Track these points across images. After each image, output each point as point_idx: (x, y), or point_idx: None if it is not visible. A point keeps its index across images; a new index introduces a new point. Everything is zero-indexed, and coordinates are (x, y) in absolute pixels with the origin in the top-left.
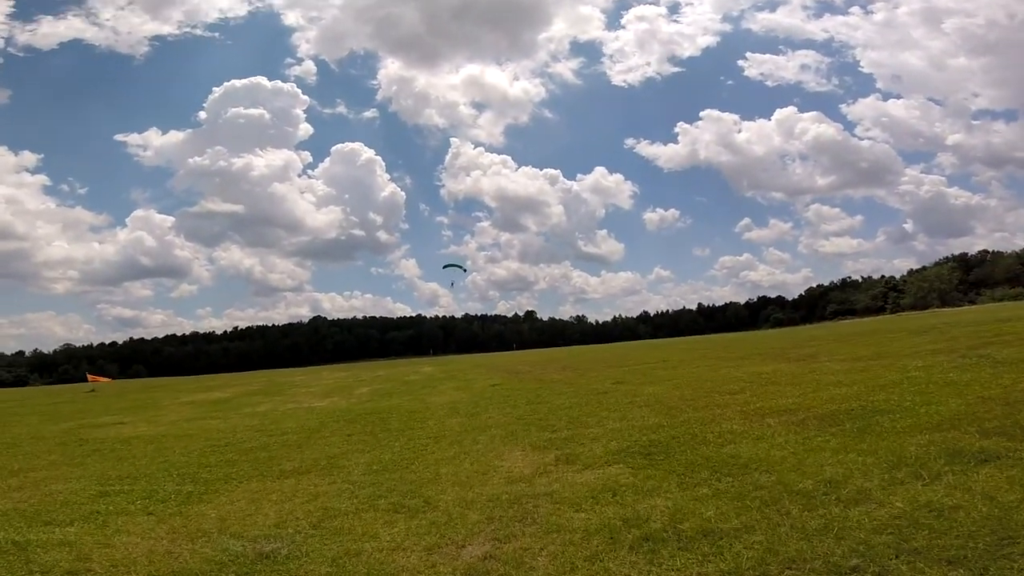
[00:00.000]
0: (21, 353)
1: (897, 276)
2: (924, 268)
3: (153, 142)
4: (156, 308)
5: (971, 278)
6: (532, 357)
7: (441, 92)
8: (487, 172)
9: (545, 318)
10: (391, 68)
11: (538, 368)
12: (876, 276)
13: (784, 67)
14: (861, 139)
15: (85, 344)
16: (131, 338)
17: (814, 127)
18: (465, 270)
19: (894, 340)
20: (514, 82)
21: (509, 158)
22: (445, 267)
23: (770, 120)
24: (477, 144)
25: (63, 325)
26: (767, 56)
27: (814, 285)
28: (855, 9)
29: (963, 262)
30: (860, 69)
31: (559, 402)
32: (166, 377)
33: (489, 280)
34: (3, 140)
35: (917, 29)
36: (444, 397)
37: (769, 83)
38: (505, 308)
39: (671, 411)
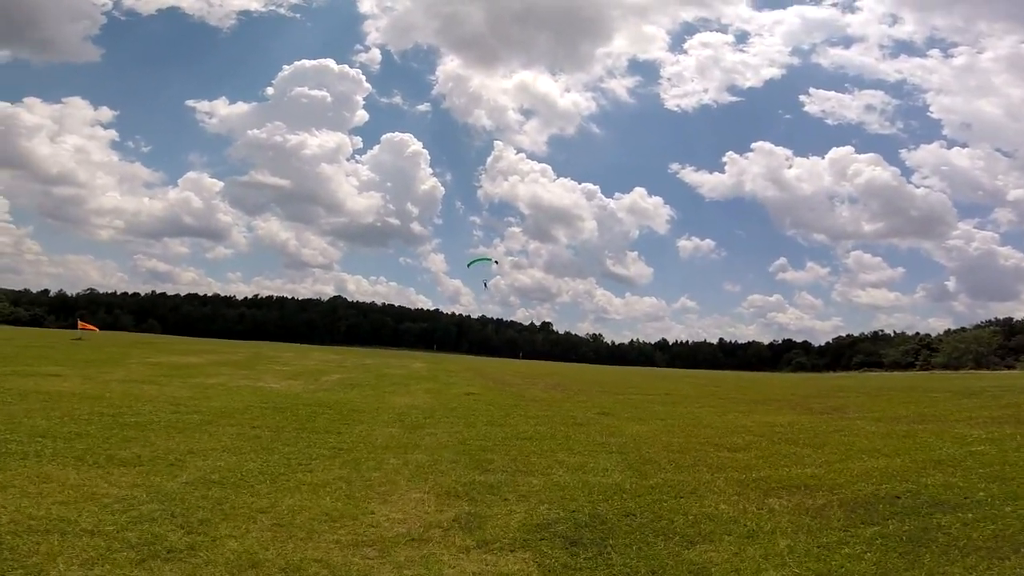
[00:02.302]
0: (45, 292)
1: (932, 335)
2: (963, 329)
3: (220, 110)
4: (189, 266)
5: (1012, 344)
6: (528, 369)
7: (492, 95)
8: (525, 179)
9: (561, 331)
10: (449, 65)
11: (527, 382)
12: (910, 332)
13: (848, 106)
14: (917, 187)
15: (109, 292)
16: (153, 291)
17: (869, 169)
18: (497, 262)
19: (937, 401)
20: (565, 93)
21: (549, 167)
22: (471, 264)
23: (823, 159)
24: (520, 150)
25: (98, 270)
26: (831, 93)
27: (843, 334)
28: (934, 52)
29: (1007, 327)
30: (929, 114)
31: (521, 428)
32: (156, 335)
33: (512, 286)
34: (87, 94)
35: (1000, 76)
36: (407, 399)
37: (829, 121)
38: (523, 316)
39: (645, 465)
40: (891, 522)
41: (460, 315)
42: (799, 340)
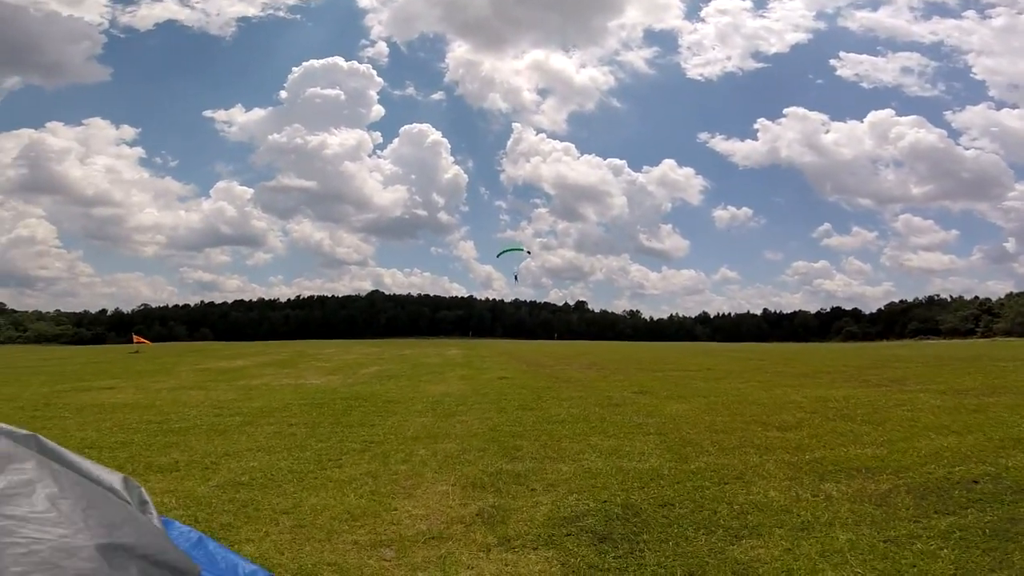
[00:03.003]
0: (104, 311)
1: (993, 299)
2: None
3: (237, 119)
4: (232, 274)
5: None
6: (564, 349)
7: (505, 77)
8: (547, 159)
9: (597, 310)
10: (458, 51)
11: (562, 363)
12: (968, 296)
13: (883, 69)
14: (967, 148)
15: (161, 305)
16: (202, 301)
17: (913, 132)
18: (529, 252)
19: (1006, 371)
20: (581, 69)
21: (572, 146)
22: (501, 253)
23: (863, 122)
24: (539, 130)
25: (149, 286)
26: (864, 56)
27: (896, 300)
28: (970, 13)
29: None
30: (972, 75)
31: (553, 412)
32: (207, 342)
33: (543, 267)
34: (106, 114)
35: None
36: (441, 387)
37: (864, 84)
38: (557, 296)
39: (685, 448)
40: (970, 511)
41: (494, 300)
42: (848, 308)
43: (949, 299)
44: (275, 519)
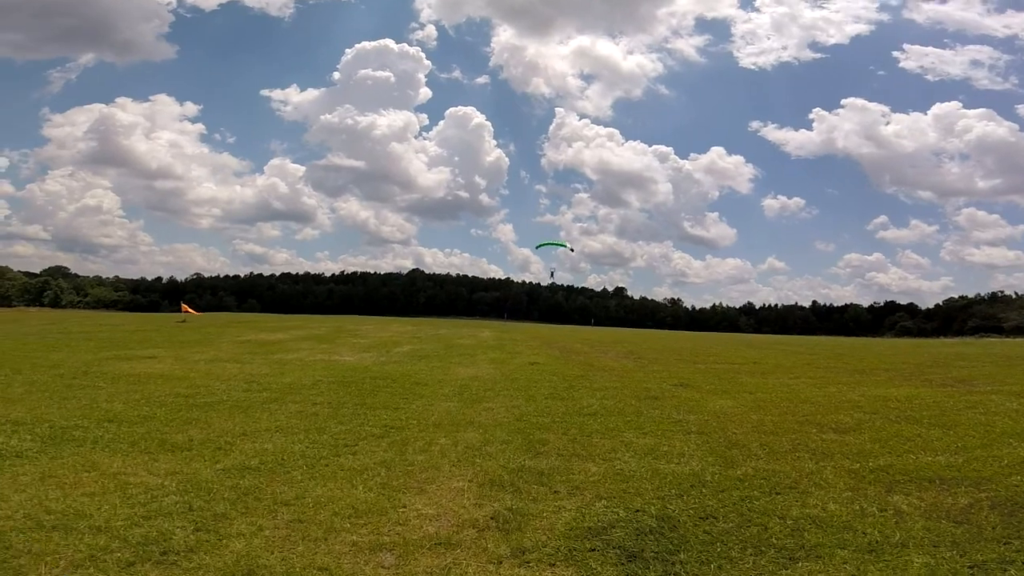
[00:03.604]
0: (159, 279)
1: None
2: None
3: (292, 98)
4: (282, 248)
5: None
6: (599, 335)
7: (550, 62)
8: (590, 144)
9: (636, 297)
10: (503, 36)
11: (597, 350)
12: None
13: (950, 62)
14: None
15: (213, 275)
16: (251, 273)
17: (980, 125)
18: (573, 250)
19: None
20: (628, 56)
21: (616, 131)
22: (540, 246)
23: (926, 115)
24: (583, 116)
25: (203, 256)
26: (929, 49)
27: (955, 296)
28: None
29: None
30: None
31: (585, 402)
32: (252, 314)
33: (582, 252)
34: (171, 91)
35: None
36: (471, 370)
37: (929, 77)
38: (595, 282)
39: (731, 450)
40: None
41: (531, 283)
42: (903, 302)
43: (1014, 295)
44: (274, 511)
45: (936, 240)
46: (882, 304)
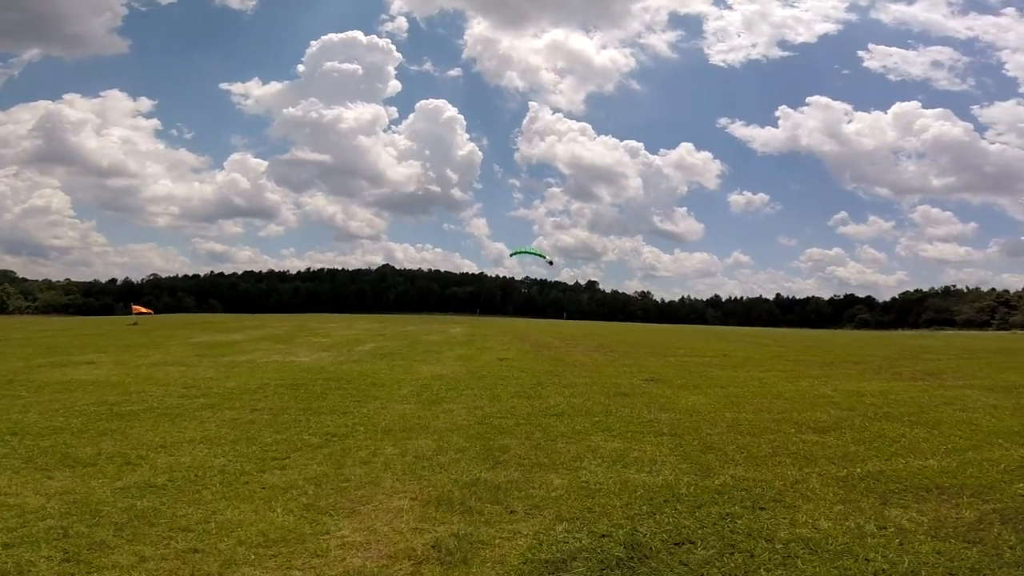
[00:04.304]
0: (114, 281)
1: (1010, 291)
2: None
3: (254, 92)
4: (245, 245)
5: None
6: (572, 329)
7: (524, 55)
8: (563, 138)
9: (608, 290)
10: (477, 28)
11: (568, 344)
12: (984, 288)
13: (912, 62)
14: (992, 143)
15: (171, 275)
16: (211, 272)
17: (938, 125)
18: (552, 262)
19: None
20: (601, 50)
21: (589, 126)
22: (516, 253)
23: (887, 114)
24: (556, 110)
25: (162, 256)
26: (893, 49)
27: (910, 290)
28: (1009, 10)
29: None
30: (1004, 71)
31: (552, 401)
32: (211, 314)
33: (555, 246)
34: (123, 86)
35: None
36: (435, 368)
37: (892, 77)
38: (568, 276)
39: (706, 455)
40: None
41: (504, 277)
42: (862, 295)
43: (965, 289)
44: (168, 538)
45: (892, 236)
46: (842, 297)
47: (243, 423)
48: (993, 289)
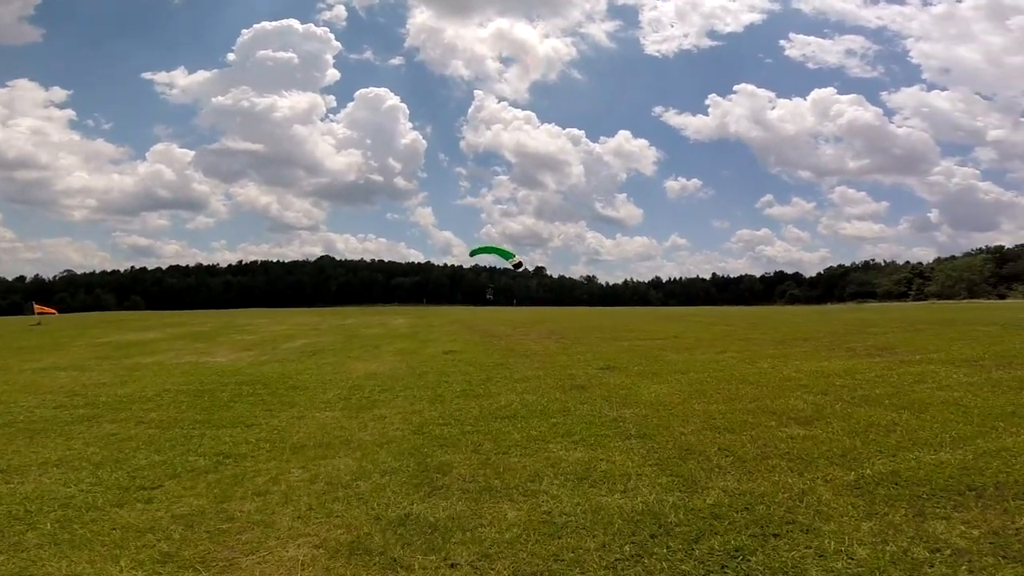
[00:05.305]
0: (22, 279)
1: (922, 264)
2: (953, 257)
3: (179, 81)
4: (171, 239)
5: (1004, 271)
6: (522, 316)
7: (469, 44)
8: (508, 127)
9: (555, 276)
10: (420, 17)
11: (520, 331)
12: (898, 262)
13: (829, 50)
14: (899, 127)
15: (88, 271)
16: (132, 267)
17: (851, 110)
18: (520, 265)
19: (998, 337)
20: (544, 39)
21: (533, 115)
22: (477, 252)
23: (806, 100)
24: (501, 98)
25: (78, 251)
26: (812, 38)
27: (834, 265)
28: (914, 0)
29: (998, 254)
30: (909, 59)
31: (503, 400)
32: (131, 312)
33: (503, 234)
34: (35, 76)
35: (979, 24)
36: (371, 365)
37: (810, 65)
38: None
39: (686, 460)
40: None
41: (453, 266)
42: (790, 272)
43: (883, 263)
44: None
45: (814, 216)
46: (772, 274)
47: (120, 440)
48: (908, 262)
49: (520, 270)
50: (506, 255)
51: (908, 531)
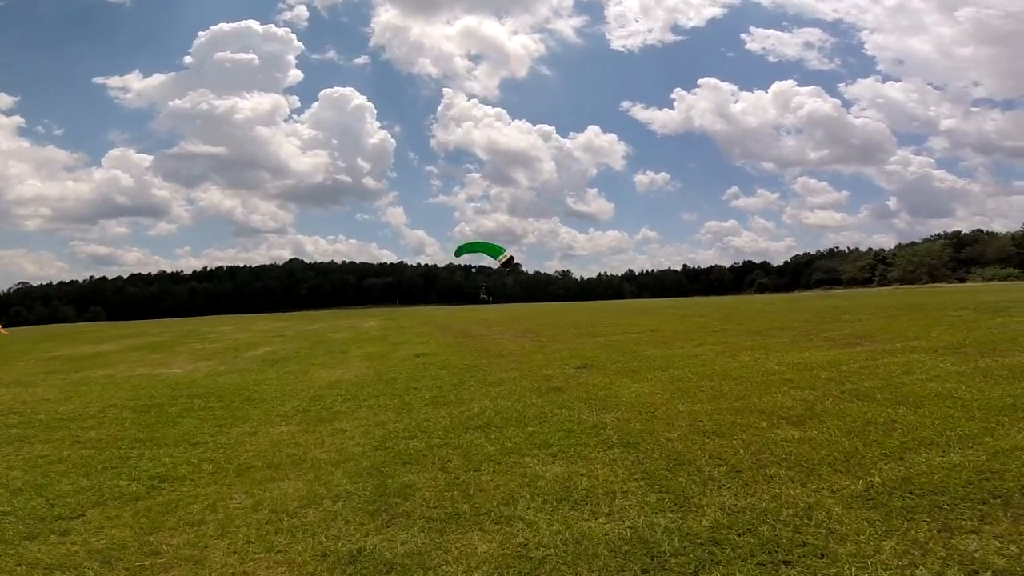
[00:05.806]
0: None
1: (884, 250)
2: (913, 243)
3: (134, 85)
4: (132, 246)
5: (962, 256)
6: (497, 314)
7: (436, 42)
8: (479, 124)
9: (530, 272)
10: (384, 16)
11: (495, 330)
12: (861, 249)
13: (787, 43)
14: (856, 117)
15: (44, 283)
16: (91, 277)
17: (810, 102)
18: (511, 260)
19: (973, 323)
20: (513, 36)
21: (503, 111)
22: (463, 252)
23: (767, 92)
24: (471, 96)
25: (34, 262)
26: (771, 32)
27: (799, 254)
28: None
29: (956, 240)
30: (864, 51)
31: (476, 407)
32: (89, 323)
33: (477, 231)
34: None
35: (930, 16)
36: (336, 372)
37: (770, 58)
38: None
39: (676, 472)
40: None
41: (427, 265)
42: (758, 261)
43: (847, 251)
44: None
45: (778, 206)
46: (740, 264)
47: (49, 462)
48: (870, 249)
49: (512, 266)
50: (495, 252)
51: (937, 550)
